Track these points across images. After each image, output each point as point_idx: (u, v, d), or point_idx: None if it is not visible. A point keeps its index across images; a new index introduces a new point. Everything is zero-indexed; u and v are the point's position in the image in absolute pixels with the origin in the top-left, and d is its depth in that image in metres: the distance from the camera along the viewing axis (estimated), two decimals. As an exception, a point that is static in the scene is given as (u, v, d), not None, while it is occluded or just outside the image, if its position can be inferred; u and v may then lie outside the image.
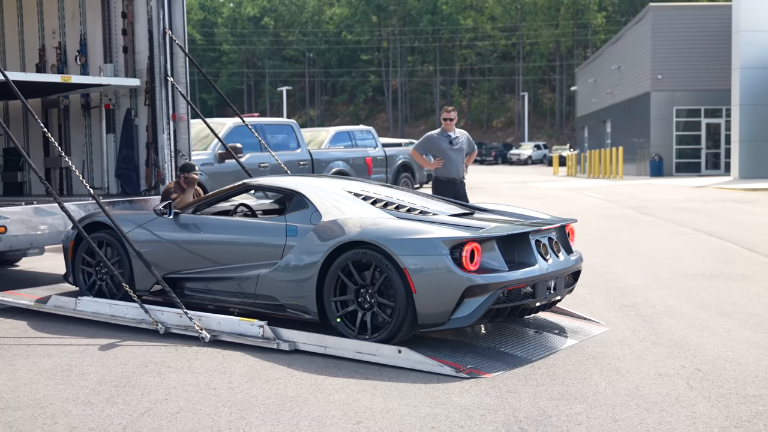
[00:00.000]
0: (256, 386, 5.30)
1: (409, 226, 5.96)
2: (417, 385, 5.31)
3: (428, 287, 5.67)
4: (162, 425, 4.57)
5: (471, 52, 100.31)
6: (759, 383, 5.27)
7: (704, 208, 19.04)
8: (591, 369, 5.63)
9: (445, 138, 9.85)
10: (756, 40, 32.42)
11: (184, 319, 6.58)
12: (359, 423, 4.58)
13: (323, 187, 6.90)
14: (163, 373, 5.65)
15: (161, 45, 9.38)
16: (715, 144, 40.89)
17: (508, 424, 4.54)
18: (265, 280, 6.49)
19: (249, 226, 6.89)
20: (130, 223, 7.40)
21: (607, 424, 4.53)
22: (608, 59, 51.03)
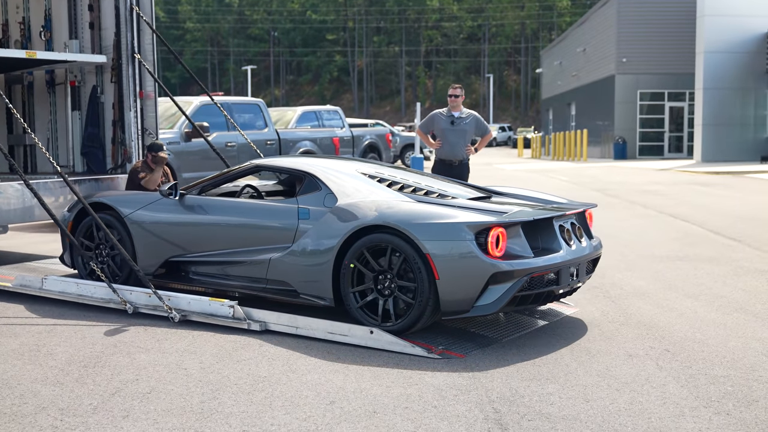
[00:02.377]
0: (228, 366, 5.27)
1: (432, 209, 5.76)
2: (389, 365, 5.31)
3: (452, 273, 5.48)
4: (133, 405, 4.53)
5: (437, 33, 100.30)
6: (727, 364, 5.34)
7: (669, 190, 19.24)
8: (561, 350, 5.67)
9: (447, 118, 9.75)
10: (720, 25, 32.72)
11: (153, 299, 6.52)
12: (332, 403, 4.57)
13: (337, 168, 6.63)
14: (132, 353, 5.60)
15: (128, 21, 9.23)
16: (678, 127, 41.28)
17: (481, 404, 4.56)
18: (278, 265, 6.27)
19: (259, 209, 6.61)
20: (133, 204, 7.15)
21: (579, 405, 4.56)
22: (573, 42, 51.24)
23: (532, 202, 6.66)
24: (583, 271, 6.23)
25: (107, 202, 7.26)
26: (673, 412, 4.45)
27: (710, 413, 4.43)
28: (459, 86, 9.98)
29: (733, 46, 33.04)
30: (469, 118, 9.81)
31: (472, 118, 9.84)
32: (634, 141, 40.99)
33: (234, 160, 14.22)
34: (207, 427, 4.20)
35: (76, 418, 4.35)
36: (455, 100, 9.78)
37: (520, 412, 4.43)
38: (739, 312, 6.81)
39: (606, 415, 4.39)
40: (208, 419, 4.32)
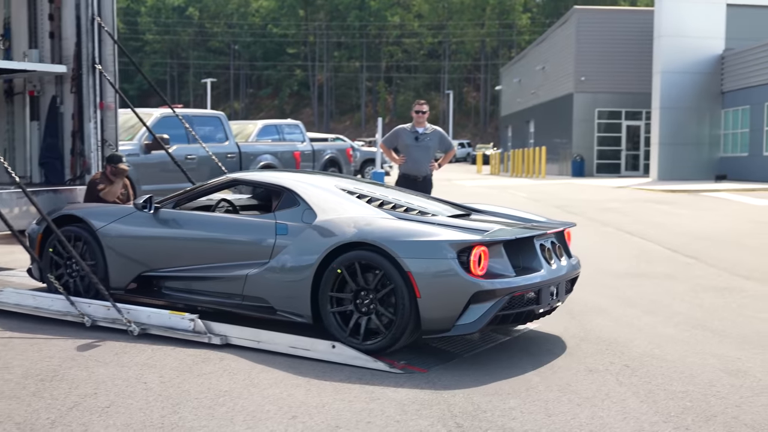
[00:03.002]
0: (188, 381, 5.22)
1: (413, 227, 5.69)
2: (351, 380, 5.29)
3: (434, 292, 5.40)
4: (92, 420, 4.46)
5: (397, 49, 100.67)
6: (685, 379, 5.40)
7: (626, 208, 19.45)
8: (523, 364, 5.70)
9: (412, 133, 9.70)
10: (677, 46, 33.26)
11: (111, 312, 6.44)
12: (294, 418, 4.54)
13: (315, 183, 6.55)
14: (91, 366, 5.52)
15: (89, 31, 9.15)
16: (635, 146, 41.78)
17: (443, 419, 4.56)
18: (255, 281, 6.14)
19: (236, 224, 6.49)
20: (106, 217, 6.97)
21: (541, 419, 4.59)
22: (533, 60, 51.72)
23: (512, 220, 6.63)
24: (563, 290, 6.19)
25: (78, 214, 7.08)
26: (634, 427, 4.49)
27: (670, 428, 4.47)
28: (424, 102, 9.95)
29: (689, 66, 33.59)
30: (433, 133, 9.79)
31: (436, 134, 9.82)
32: (592, 159, 41.41)
33: (194, 172, 14.11)
34: (168, 442, 4.16)
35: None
36: (421, 116, 9.74)
37: (482, 427, 4.44)
38: (696, 328, 6.89)
39: (567, 430, 4.41)
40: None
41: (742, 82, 32.49)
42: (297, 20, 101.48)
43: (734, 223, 16.03)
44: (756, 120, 31.69)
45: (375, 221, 5.82)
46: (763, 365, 5.77)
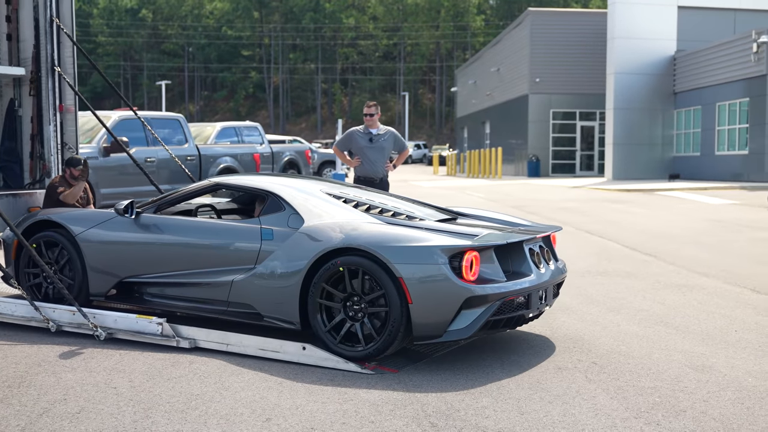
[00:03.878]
0: (159, 385, 5.16)
1: (403, 232, 5.60)
2: (323, 381, 5.28)
3: (425, 298, 5.32)
4: (63, 426, 4.40)
5: (353, 51, 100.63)
6: (652, 375, 5.46)
7: (584, 207, 19.64)
8: (492, 363, 5.72)
9: (365, 135, 9.63)
10: (630, 47, 33.70)
11: (77, 317, 6.35)
12: (269, 420, 4.52)
13: (300, 187, 6.42)
14: (58, 372, 5.44)
15: (48, 33, 9.04)
16: (589, 146, 42.23)
17: (418, 419, 4.57)
18: (241, 287, 6.03)
19: (219, 229, 6.34)
20: (86, 222, 6.78)
21: (514, 417, 4.61)
22: (488, 62, 52.05)
23: (499, 224, 6.57)
24: (551, 294, 6.14)
25: (57, 219, 6.87)
26: (605, 423, 4.53)
27: (641, 424, 4.52)
28: (374, 104, 9.82)
29: (642, 67, 34.06)
30: (387, 134, 9.74)
31: (390, 135, 9.76)
32: (547, 159, 41.79)
33: (153, 175, 14.00)
34: (142, 447, 4.11)
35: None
36: (370, 119, 9.66)
37: (457, 426, 4.45)
38: (659, 325, 6.98)
39: (540, 427, 4.44)
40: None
41: (694, 82, 33.00)
42: (252, 22, 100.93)
43: (689, 221, 16.26)
44: (707, 120, 32.21)
45: (364, 226, 5.73)
46: (726, 360, 5.85)
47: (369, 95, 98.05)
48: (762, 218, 16.81)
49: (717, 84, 31.34)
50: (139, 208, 6.69)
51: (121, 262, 6.61)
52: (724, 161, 31.06)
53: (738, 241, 12.91)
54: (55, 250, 6.89)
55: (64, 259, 6.81)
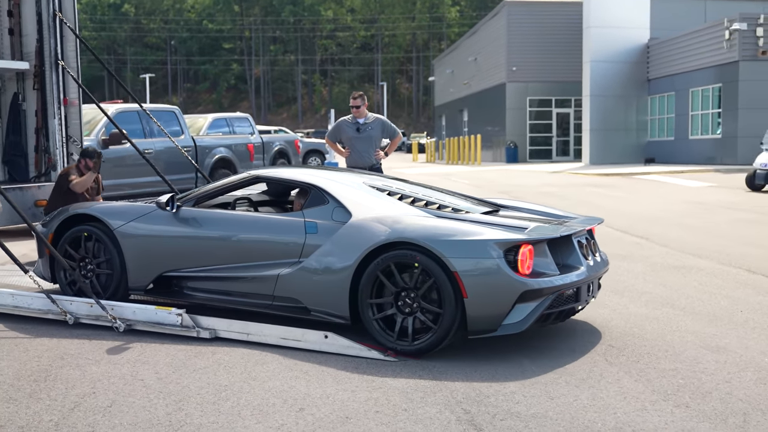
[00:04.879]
0: (185, 376, 5.02)
1: (456, 226, 5.38)
2: (348, 369, 5.15)
3: (481, 292, 5.12)
4: (97, 420, 4.25)
5: (332, 43, 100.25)
6: (670, 357, 5.38)
7: (566, 192, 19.60)
8: (510, 348, 5.61)
9: (353, 125, 9.37)
10: (605, 36, 33.70)
11: (95, 309, 6.18)
12: (302, 410, 4.39)
13: (344, 180, 6.17)
14: (82, 365, 5.28)
15: (51, 28, 8.81)
16: (565, 132, 42.27)
17: (449, 405, 4.45)
18: (287, 281, 5.76)
19: (263, 222, 6.08)
20: (124, 216, 6.48)
21: (545, 402, 4.51)
22: (465, 51, 51.91)
23: (541, 216, 6.35)
24: (596, 286, 5.95)
25: (94, 213, 6.56)
26: (635, 406, 4.44)
27: (670, 406, 4.43)
28: (359, 95, 9.47)
29: (617, 55, 34.07)
30: (374, 122, 9.44)
31: (378, 123, 9.46)
32: (525, 145, 41.78)
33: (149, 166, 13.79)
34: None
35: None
36: (357, 110, 9.37)
37: (490, 412, 4.34)
38: (666, 306, 6.91)
39: (573, 412, 4.34)
40: (179, 431, 4.08)
41: (667, 69, 33.04)
42: (232, 16, 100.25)
43: (671, 204, 16.25)
44: (681, 105, 32.27)
45: (414, 219, 5.52)
46: (739, 341, 5.78)
47: (348, 86, 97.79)
48: (740, 200, 16.84)
49: (690, 71, 31.39)
50: (178, 201, 6.41)
51: (161, 256, 6.32)
52: (697, 145, 31.14)
53: (722, 223, 12.90)
54: (92, 244, 6.59)
55: (100, 254, 6.54)
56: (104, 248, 6.53)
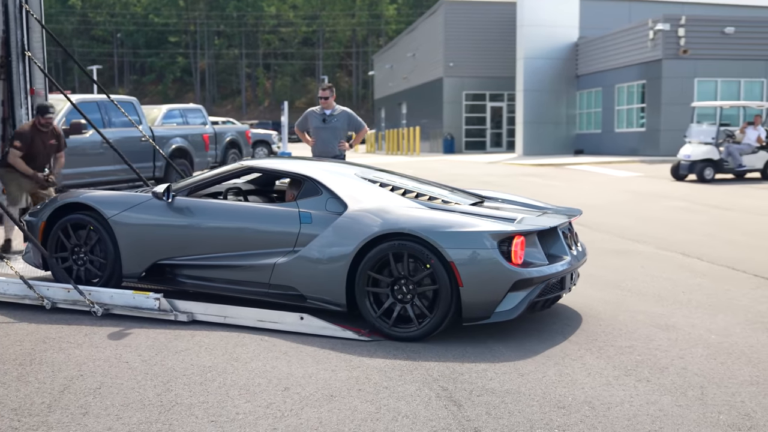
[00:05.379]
0: (168, 358, 4.94)
1: (450, 218, 5.34)
2: (325, 349, 5.13)
3: (476, 281, 5.11)
4: (88, 402, 4.16)
5: (274, 38, 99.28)
6: (625, 335, 5.49)
7: (506, 181, 19.76)
8: (476, 330, 5.62)
9: (319, 116, 9.27)
10: (537, 34, 34.03)
11: (72, 294, 6.05)
12: (287, 389, 4.36)
13: (337, 172, 6.09)
14: (65, 348, 5.16)
15: (17, 19, 8.55)
16: (498, 125, 42.55)
17: (427, 383, 4.48)
18: (283, 270, 5.65)
19: (258, 212, 5.93)
20: (118, 205, 6.26)
21: (515, 379, 4.56)
22: (404, 48, 51.86)
23: (524, 207, 6.34)
24: (576, 275, 5.99)
25: (88, 202, 6.33)
26: (600, 381, 4.52)
27: (632, 381, 4.52)
28: (329, 86, 9.41)
29: (548, 53, 34.42)
30: (340, 114, 9.36)
31: (344, 115, 9.39)
32: (461, 137, 41.96)
33: (108, 156, 13.53)
34: (173, 420, 3.91)
35: (34, 417, 3.95)
36: (325, 101, 9.31)
37: (467, 389, 4.37)
38: (614, 288, 7.04)
39: (544, 388, 4.40)
40: (171, 411, 4.03)
41: (595, 66, 33.51)
42: (178, 10, 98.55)
43: (605, 192, 16.53)
44: (607, 100, 32.79)
45: (410, 211, 5.45)
46: (685, 320, 5.92)
47: (290, 79, 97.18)
48: (668, 189, 17.21)
49: (616, 68, 31.88)
50: (172, 191, 6.24)
51: (156, 245, 6.14)
52: (623, 138, 31.69)
53: (654, 210, 13.17)
54: (84, 232, 6.38)
55: (93, 241, 6.35)
56: (98, 237, 6.33)
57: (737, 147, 19.09)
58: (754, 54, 29.09)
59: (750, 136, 19.34)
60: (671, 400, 4.19)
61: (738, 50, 28.90)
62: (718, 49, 28.78)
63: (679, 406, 4.11)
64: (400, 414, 4.00)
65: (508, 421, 3.91)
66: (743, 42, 28.90)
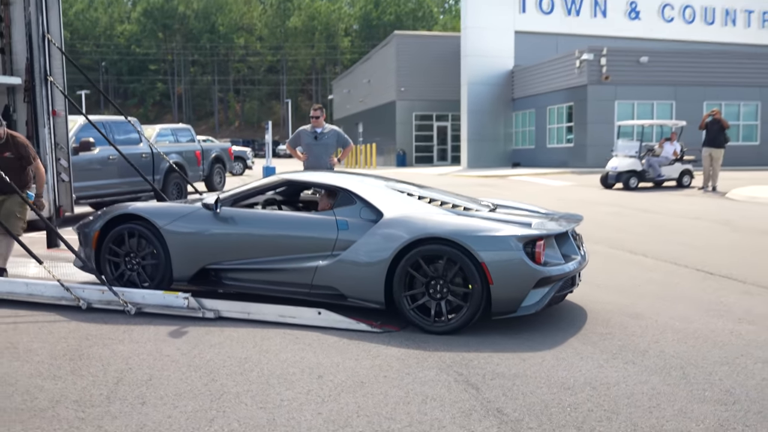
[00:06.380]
0: (205, 351, 4.80)
1: (479, 223, 5.26)
2: (344, 340, 5.03)
3: (504, 279, 5.05)
4: (143, 392, 4.01)
5: (243, 66, 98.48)
6: (602, 323, 5.47)
7: (460, 191, 19.74)
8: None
9: (311, 133, 9.13)
10: (479, 63, 34.29)
11: (107, 295, 5.85)
12: (321, 377, 4.26)
13: (368, 183, 6.01)
14: (108, 344, 4.98)
15: (40, 47, 8.29)
16: (443, 142, 42.72)
17: (444, 368, 4.41)
18: (325, 272, 5.52)
19: (297, 220, 5.77)
20: (169, 216, 6.08)
21: (520, 363, 4.52)
22: (360, 75, 51.84)
23: (533, 213, 6.25)
24: (580, 274, 5.91)
25: (140, 213, 6.13)
26: (593, 364, 4.49)
27: (621, 363, 4.51)
28: (319, 107, 9.30)
29: (488, 79, 34.70)
30: (330, 132, 9.23)
31: (333, 133, 9.26)
32: (411, 152, 42.04)
33: (114, 171, 13.24)
34: (226, 407, 3.79)
35: (96, 408, 3.79)
36: (316, 120, 9.18)
37: (479, 374, 4.32)
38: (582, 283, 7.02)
39: (546, 371, 4.36)
40: (221, 400, 3.90)
41: (528, 91, 33.85)
42: (157, 41, 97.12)
43: (546, 200, 16.60)
44: (540, 120, 33.14)
45: (442, 218, 5.37)
46: (649, 309, 5.94)
47: (258, 102, 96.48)
48: (600, 196, 17.40)
49: (547, 92, 32.24)
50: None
51: (205, 251, 5.95)
52: (554, 152, 32.04)
53: (596, 214, 13.27)
54: (136, 240, 6.15)
55: (144, 249, 6.12)
56: (150, 244, 6.11)
57: (657, 160, 19.42)
58: (664, 80, 29.67)
59: (667, 150, 19.70)
60: (660, 380, 4.19)
61: (651, 77, 29.46)
62: (634, 76, 29.29)
63: (668, 384, 4.11)
64: (427, 397, 3.93)
65: (524, 401, 3.87)
66: (655, 70, 29.47)
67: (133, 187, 13.74)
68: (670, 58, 30.10)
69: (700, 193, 17.58)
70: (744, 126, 30.66)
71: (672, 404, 3.81)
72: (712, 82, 30.06)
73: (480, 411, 3.73)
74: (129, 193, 13.70)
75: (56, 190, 8.60)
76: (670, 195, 17.47)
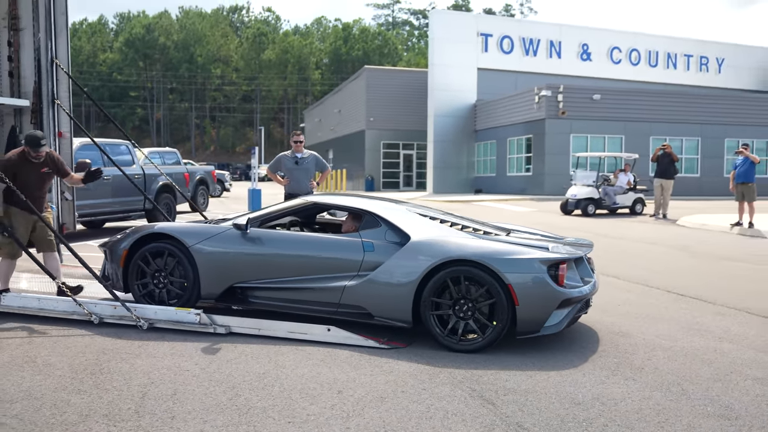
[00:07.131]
0: (223, 366, 4.63)
1: (503, 247, 5.16)
2: (356, 356, 4.91)
3: (529, 300, 4.95)
4: (170, 407, 3.84)
5: (219, 94, 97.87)
6: (594, 342, 5.42)
7: (430, 214, 19.72)
8: (472, 337, 5.50)
9: (292, 158, 8.97)
10: (444, 97, 34.52)
11: (119, 310, 5.64)
12: (341, 392, 4.13)
13: (391, 207, 5.86)
14: (126, 359, 4.78)
15: (48, 71, 8.07)
16: (408, 168, 42.79)
17: (456, 384, 4.32)
18: (353, 291, 5.35)
19: (324, 242, 5.60)
20: (198, 235, 5.85)
21: (527, 380, 4.44)
22: (331, 105, 51.83)
23: (545, 237, 6.12)
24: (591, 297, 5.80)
25: (170, 232, 5.90)
26: (595, 380, 4.44)
27: (621, 379, 4.46)
28: (300, 133, 9.15)
29: (453, 111, 34.92)
30: (310, 157, 9.06)
31: (312, 158, 9.09)
32: (379, 178, 41.99)
33: (109, 190, 12.93)
34: (256, 422, 3.64)
35: (127, 422, 3.61)
36: (298, 145, 9.03)
37: (492, 389, 4.23)
38: (563, 302, 6.98)
39: (554, 387, 4.30)
40: (249, 414, 3.75)
41: (490, 123, 34.13)
42: (137, 70, 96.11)
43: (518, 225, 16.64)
44: (501, 150, 33.39)
45: (466, 241, 5.24)
46: (634, 328, 5.91)
47: (232, 129, 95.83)
48: (561, 221, 17.50)
49: (507, 125, 32.54)
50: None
51: (233, 270, 5.74)
52: (513, 180, 32.28)
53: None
54: (164, 258, 5.92)
55: (171, 267, 5.89)
56: (179, 263, 5.89)
57: (612, 189, 19.65)
58: (615, 116, 30.18)
59: (622, 180, 19.96)
60: (662, 396, 4.15)
61: (602, 113, 29.94)
62: (588, 111, 29.74)
63: (671, 400, 4.07)
64: (448, 412, 3.82)
65: (540, 416, 3.79)
66: (606, 106, 29.97)
67: (124, 207, 13.44)
68: (620, 97, 30.65)
69: (652, 220, 17.81)
70: (686, 159, 31.30)
71: (679, 419, 3.76)
72: (657, 118, 30.67)
73: (501, 426, 3.64)
74: (121, 212, 13.39)
75: (59, 207, 8.34)
76: (625, 221, 17.66)
